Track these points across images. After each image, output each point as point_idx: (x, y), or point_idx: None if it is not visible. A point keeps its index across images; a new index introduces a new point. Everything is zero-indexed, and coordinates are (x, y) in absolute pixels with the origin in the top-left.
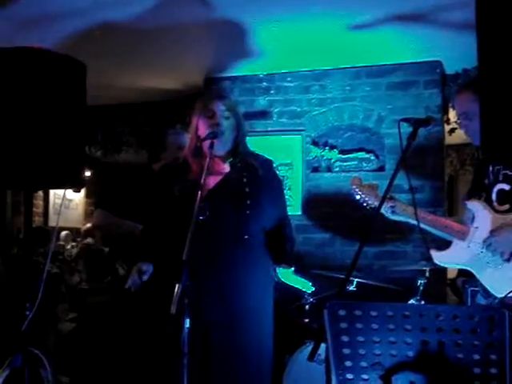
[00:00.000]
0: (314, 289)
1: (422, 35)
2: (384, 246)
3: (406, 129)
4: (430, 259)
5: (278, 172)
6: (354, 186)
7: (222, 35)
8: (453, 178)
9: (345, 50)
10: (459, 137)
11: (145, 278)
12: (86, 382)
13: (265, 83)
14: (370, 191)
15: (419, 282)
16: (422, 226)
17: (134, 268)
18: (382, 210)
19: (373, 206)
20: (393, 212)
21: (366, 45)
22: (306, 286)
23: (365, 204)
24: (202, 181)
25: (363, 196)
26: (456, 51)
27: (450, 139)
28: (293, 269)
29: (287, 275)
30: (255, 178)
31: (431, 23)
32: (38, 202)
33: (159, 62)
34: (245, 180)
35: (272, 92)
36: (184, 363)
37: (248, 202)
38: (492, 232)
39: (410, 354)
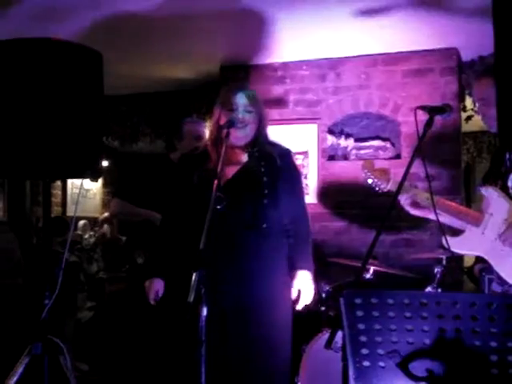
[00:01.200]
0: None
1: (437, 22)
2: (400, 234)
3: (422, 116)
4: (446, 247)
5: (295, 162)
6: (366, 170)
7: (238, 24)
8: (470, 165)
9: (360, 37)
10: (476, 124)
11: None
12: (105, 370)
13: (280, 72)
14: (382, 175)
15: (436, 269)
16: (438, 212)
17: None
18: (402, 204)
19: (385, 190)
20: (413, 204)
21: (382, 32)
22: None
23: (377, 188)
24: (219, 169)
25: (375, 180)
26: (472, 38)
27: (466, 127)
28: None
29: None
30: (273, 167)
31: (447, 10)
32: (56, 191)
33: (175, 51)
34: (263, 169)
35: (287, 80)
36: (202, 351)
37: (266, 191)
38: (508, 226)
39: (427, 341)
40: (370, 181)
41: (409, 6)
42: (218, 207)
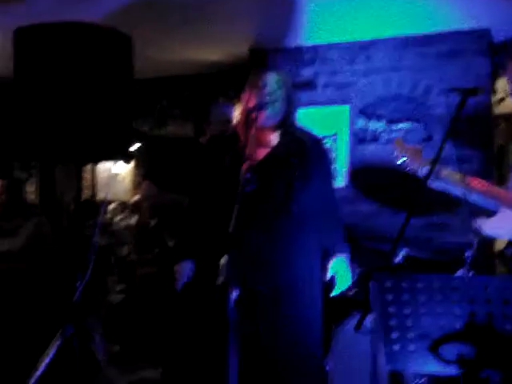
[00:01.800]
0: (351, 283)
1: (470, 2)
2: (431, 217)
3: (455, 98)
4: (477, 230)
5: (326, 150)
6: (398, 148)
7: (267, 7)
8: (503, 147)
9: (391, 18)
10: (509, 106)
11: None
12: (136, 351)
13: (309, 54)
14: (414, 154)
15: (467, 253)
16: (467, 193)
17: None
18: (421, 175)
19: (416, 169)
20: (436, 177)
21: (413, 13)
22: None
23: (407, 168)
24: (248, 152)
25: (406, 159)
26: (505, 19)
27: (499, 108)
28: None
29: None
30: (304, 151)
31: None
32: (86, 175)
33: (205, 34)
34: (293, 151)
35: (317, 63)
36: (232, 333)
37: (296, 174)
38: None
39: (458, 325)
40: (400, 160)
41: None
42: (249, 189)
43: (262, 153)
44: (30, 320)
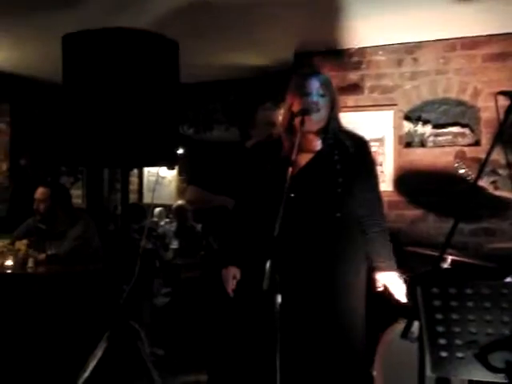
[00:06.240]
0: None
1: None
2: (480, 222)
3: (504, 102)
4: None
5: (371, 151)
6: (458, 160)
7: (312, 10)
8: None
9: (438, 21)
10: None
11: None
12: (180, 355)
13: (356, 57)
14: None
15: None
16: None
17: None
18: (485, 185)
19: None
20: (496, 188)
21: (461, 15)
22: None
23: (468, 178)
24: (294, 157)
25: (467, 170)
26: None
27: None
28: None
29: None
30: (347, 155)
31: None
32: (133, 179)
33: (250, 38)
34: (336, 157)
35: (363, 66)
36: (276, 339)
37: (339, 180)
38: None
39: (507, 332)
40: (462, 171)
41: None
42: (292, 195)
43: (305, 158)
44: (77, 322)
